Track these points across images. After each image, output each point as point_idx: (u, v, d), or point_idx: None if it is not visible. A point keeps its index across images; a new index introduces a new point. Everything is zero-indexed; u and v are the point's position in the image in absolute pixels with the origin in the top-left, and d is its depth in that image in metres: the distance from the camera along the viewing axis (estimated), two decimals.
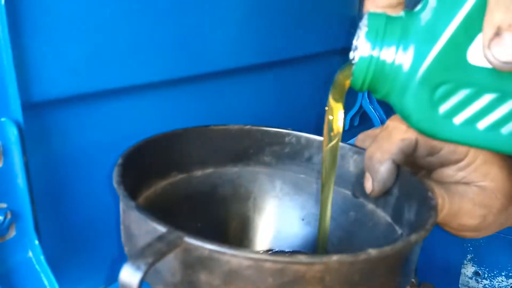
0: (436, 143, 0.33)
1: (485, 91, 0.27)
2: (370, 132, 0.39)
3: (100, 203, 0.39)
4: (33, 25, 0.31)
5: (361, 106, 0.77)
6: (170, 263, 0.23)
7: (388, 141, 0.33)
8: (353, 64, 0.28)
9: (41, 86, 0.32)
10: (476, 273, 0.69)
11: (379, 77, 0.28)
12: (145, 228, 0.24)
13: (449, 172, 0.35)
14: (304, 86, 0.65)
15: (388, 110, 0.79)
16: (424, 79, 0.27)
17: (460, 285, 0.71)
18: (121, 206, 0.28)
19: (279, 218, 0.41)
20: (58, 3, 0.32)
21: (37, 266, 0.32)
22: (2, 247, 0.31)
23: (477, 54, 0.26)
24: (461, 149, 0.33)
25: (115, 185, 0.27)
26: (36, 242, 0.32)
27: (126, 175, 0.28)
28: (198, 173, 0.39)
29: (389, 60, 0.27)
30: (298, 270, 0.22)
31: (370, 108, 0.76)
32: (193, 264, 0.23)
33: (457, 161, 0.34)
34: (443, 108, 0.27)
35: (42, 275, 0.32)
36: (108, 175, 0.39)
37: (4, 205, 0.31)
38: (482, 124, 0.28)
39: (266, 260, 0.22)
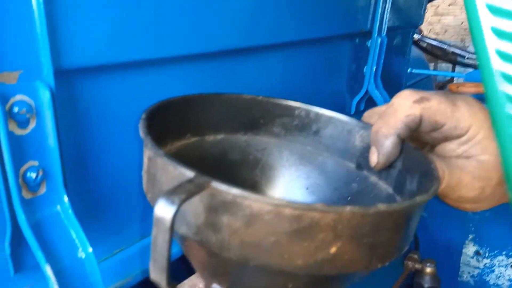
0: (439, 119, 0.35)
1: None
2: (376, 109, 0.41)
3: (124, 162, 0.42)
4: None
5: (367, 91, 0.79)
6: (195, 205, 0.25)
7: (394, 117, 0.35)
8: None
9: (72, 54, 0.34)
10: (477, 253, 0.71)
11: None
12: (172, 174, 0.26)
13: (451, 147, 0.37)
14: (325, 65, 0.68)
15: (393, 94, 0.81)
16: None
17: (461, 264, 0.73)
18: (147, 154, 0.30)
19: (285, 186, 0.43)
20: None
21: (65, 220, 0.35)
22: (33, 202, 0.34)
23: None
24: (463, 125, 0.35)
25: (142, 135, 0.29)
26: (65, 197, 0.35)
27: (149, 129, 0.30)
28: (211, 138, 0.41)
29: None
30: (313, 217, 0.24)
31: (376, 92, 0.78)
32: (217, 207, 0.25)
33: (459, 136, 0.36)
34: None
35: (69, 228, 0.35)
36: (131, 137, 0.41)
37: (36, 163, 0.34)
38: None
39: (285, 206, 0.24)
